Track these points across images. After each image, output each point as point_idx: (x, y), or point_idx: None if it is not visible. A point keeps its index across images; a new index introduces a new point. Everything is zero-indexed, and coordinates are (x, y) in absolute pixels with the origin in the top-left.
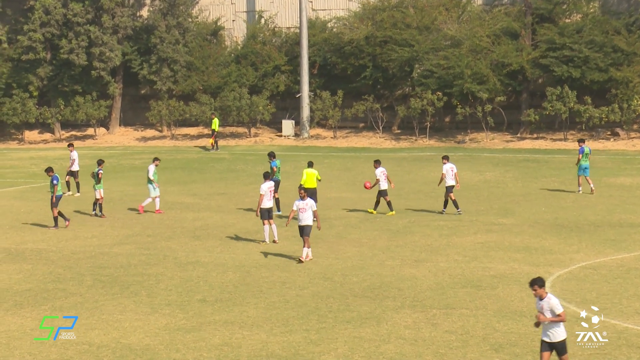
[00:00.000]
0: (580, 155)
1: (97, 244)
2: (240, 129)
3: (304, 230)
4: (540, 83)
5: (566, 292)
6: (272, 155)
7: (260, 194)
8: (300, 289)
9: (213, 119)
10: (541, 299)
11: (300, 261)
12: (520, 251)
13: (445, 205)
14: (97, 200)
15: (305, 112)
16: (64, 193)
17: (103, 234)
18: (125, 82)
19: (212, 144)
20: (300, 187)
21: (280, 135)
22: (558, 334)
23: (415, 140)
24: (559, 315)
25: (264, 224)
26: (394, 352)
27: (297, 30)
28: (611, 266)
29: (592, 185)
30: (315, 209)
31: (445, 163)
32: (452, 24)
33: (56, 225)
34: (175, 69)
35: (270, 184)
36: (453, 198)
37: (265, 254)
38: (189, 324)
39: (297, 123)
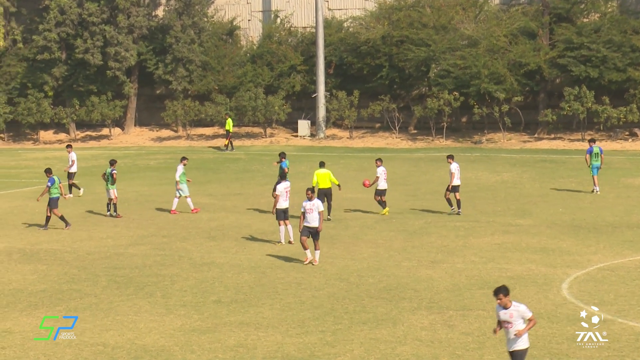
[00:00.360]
0: (588, 156)
1: (112, 245)
2: (256, 129)
3: (311, 232)
4: (558, 83)
5: (584, 294)
6: (282, 156)
7: (276, 194)
8: (316, 290)
9: (227, 119)
10: (505, 308)
11: (312, 264)
12: (537, 252)
13: (459, 206)
14: (110, 200)
15: (321, 112)
16: (63, 195)
17: (118, 235)
18: (141, 82)
19: (226, 144)
20: (308, 189)
21: (296, 136)
22: (521, 341)
23: (432, 140)
24: (530, 320)
25: (279, 225)
26: (410, 353)
27: (313, 30)
28: (629, 267)
29: (597, 187)
30: (321, 209)
31: (451, 163)
32: (469, 23)
33: (67, 224)
34: (191, 69)
35: (286, 185)
36: (448, 197)
37: (281, 255)
38: (204, 325)
39: (313, 123)
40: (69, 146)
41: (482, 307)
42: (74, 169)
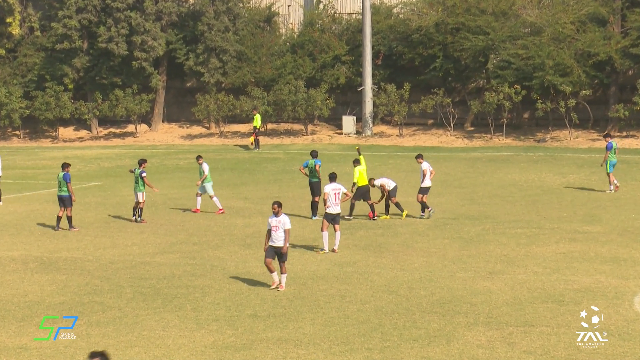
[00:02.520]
0: (608, 152)
1: (138, 253)
2: (296, 126)
3: (277, 253)
4: (631, 75)
5: None
6: (314, 154)
7: (325, 193)
8: (362, 303)
9: (255, 115)
10: None
11: (277, 289)
12: (607, 262)
13: (423, 209)
14: (138, 204)
15: (368, 108)
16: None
17: (144, 242)
18: (170, 74)
19: (252, 142)
20: (275, 202)
21: (341, 133)
22: None
23: (490, 138)
24: None
25: (322, 230)
26: None
27: (360, 17)
28: None
29: (612, 185)
30: (288, 227)
31: (421, 162)
32: (532, 9)
33: (57, 227)
34: (225, 60)
35: (335, 186)
36: (425, 200)
37: (323, 265)
38: (239, 342)
39: (359, 119)
40: None
41: (545, 323)
42: None
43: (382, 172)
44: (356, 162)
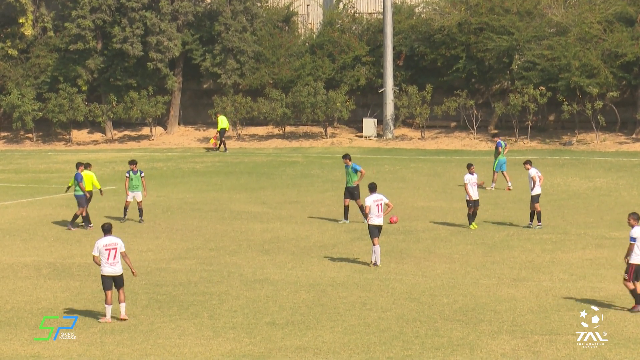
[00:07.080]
0: (500, 148)
1: (153, 259)
2: (315, 129)
3: (115, 280)
4: None
5: None
6: (348, 158)
7: (366, 206)
8: (383, 310)
9: (218, 117)
10: None
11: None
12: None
13: (536, 218)
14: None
15: (389, 110)
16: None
17: (159, 248)
18: (186, 76)
19: (217, 145)
20: (106, 225)
21: (361, 136)
22: None
23: (515, 141)
24: None
25: (374, 244)
26: None
27: (381, 16)
28: None
29: (493, 183)
30: (123, 250)
31: (529, 168)
32: (558, 8)
33: (88, 224)
34: (242, 61)
35: (376, 197)
36: (539, 209)
37: (343, 272)
38: (257, 350)
39: (380, 122)
40: None
41: (571, 332)
42: None
43: (404, 175)
44: (88, 166)
